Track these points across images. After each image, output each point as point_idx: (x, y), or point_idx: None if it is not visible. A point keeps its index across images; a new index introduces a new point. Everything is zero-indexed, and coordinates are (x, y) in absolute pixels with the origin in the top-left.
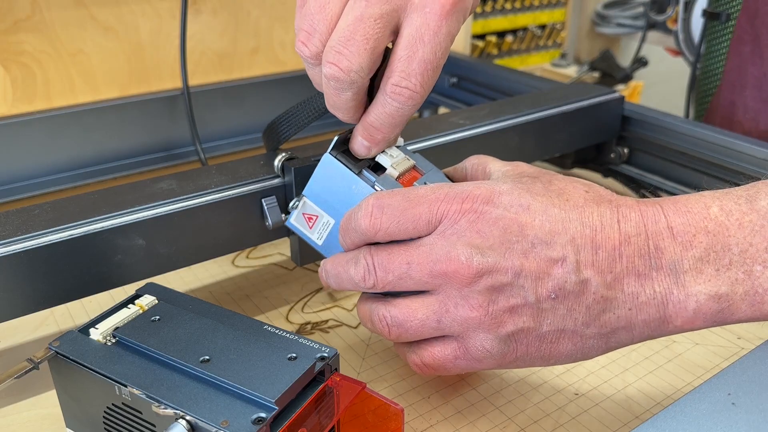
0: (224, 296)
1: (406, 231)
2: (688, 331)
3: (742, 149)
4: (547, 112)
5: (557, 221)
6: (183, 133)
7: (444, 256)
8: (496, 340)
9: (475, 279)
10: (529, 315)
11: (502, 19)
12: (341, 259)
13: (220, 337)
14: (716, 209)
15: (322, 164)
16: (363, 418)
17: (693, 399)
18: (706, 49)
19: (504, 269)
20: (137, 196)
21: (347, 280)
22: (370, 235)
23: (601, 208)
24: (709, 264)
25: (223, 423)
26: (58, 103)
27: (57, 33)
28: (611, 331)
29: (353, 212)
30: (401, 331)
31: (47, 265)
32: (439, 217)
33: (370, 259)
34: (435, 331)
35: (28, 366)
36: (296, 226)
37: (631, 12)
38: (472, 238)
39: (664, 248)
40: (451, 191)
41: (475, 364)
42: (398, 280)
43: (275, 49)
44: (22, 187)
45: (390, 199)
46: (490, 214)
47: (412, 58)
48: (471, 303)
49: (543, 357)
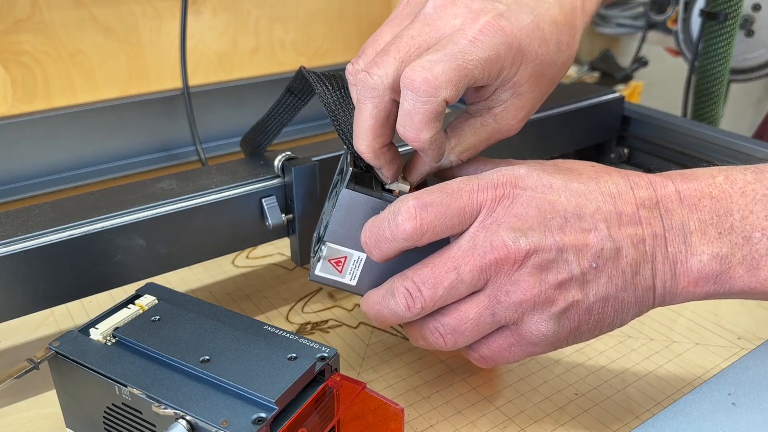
0: (224, 296)
1: (451, 227)
2: (691, 298)
3: (743, 149)
4: (547, 112)
5: (580, 194)
6: (183, 133)
7: (489, 246)
8: (550, 320)
9: (524, 260)
10: (576, 288)
11: None
12: (375, 298)
13: (220, 337)
14: (721, 178)
15: (341, 203)
16: (363, 418)
17: (693, 399)
18: (704, 49)
19: (548, 247)
20: (137, 196)
21: (391, 316)
22: (416, 238)
23: (614, 177)
24: (712, 226)
25: (223, 423)
26: (58, 103)
27: (57, 33)
28: (642, 293)
29: (386, 220)
30: (457, 337)
31: (47, 265)
32: (478, 208)
33: (409, 282)
34: (491, 326)
35: (28, 366)
36: (324, 276)
37: (631, 12)
38: (511, 223)
39: (673, 210)
40: (482, 181)
41: (531, 348)
42: (449, 290)
43: (275, 49)
44: (22, 187)
45: (430, 197)
46: (521, 196)
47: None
48: (522, 286)
49: (590, 329)
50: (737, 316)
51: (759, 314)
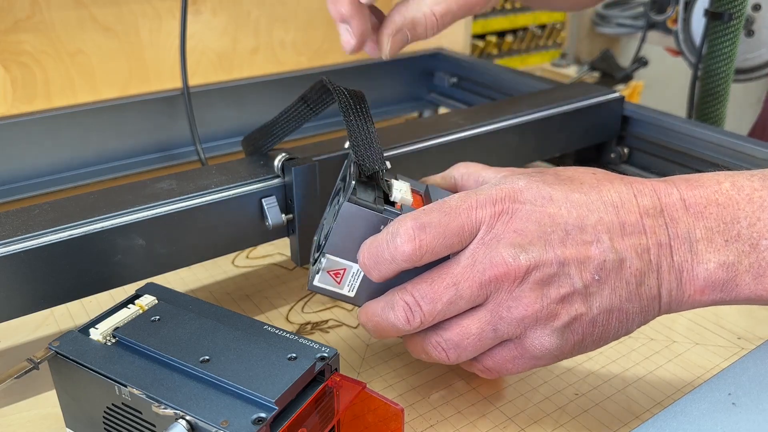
0: (224, 296)
1: (451, 246)
2: (697, 306)
3: (743, 149)
4: (547, 112)
5: (581, 205)
6: (183, 133)
7: (489, 263)
8: (553, 334)
9: (525, 276)
10: (580, 301)
11: (502, 19)
12: (374, 309)
13: (220, 337)
14: (728, 185)
15: (342, 215)
16: (363, 418)
17: (693, 399)
18: (708, 50)
19: (549, 261)
20: (137, 196)
21: (389, 329)
22: (415, 259)
23: (616, 186)
24: (718, 234)
25: (223, 423)
26: (58, 103)
27: (57, 33)
28: (647, 303)
29: (385, 241)
30: (460, 352)
31: (47, 265)
32: (477, 225)
33: (408, 296)
34: (493, 341)
35: (28, 366)
36: (322, 286)
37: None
38: (511, 239)
39: (678, 218)
40: (480, 197)
41: (534, 361)
42: (448, 305)
43: (275, 49)
44: (22, 187)
45: (428, 217)
46: (520, 210)
47: None
48: (524, 302)
49: (595, 341)
50: (737, 316)
51: (759, 314)
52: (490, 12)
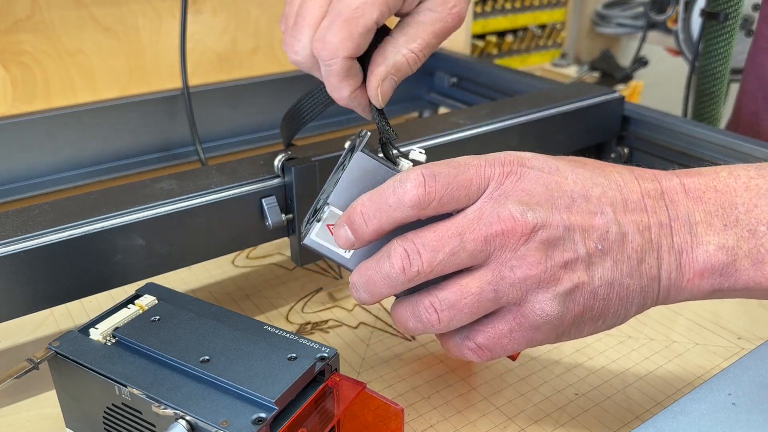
0: (224, 296)
1: (458, 199)
2: (696, 293)
3: (742, 149)
4: (547, 112)
5: (587, 179)
6: (183, 133)
7: (496, 217)
8: (555, 299)
9: (531, 235)
10: (582, 269)
11: (502, 19)
12: (368, 263)
13: (220, 337)
14: (725, 174)
15: (353, 166)
16: (363, 418)
17: (693, 399)
18: (704, 49)
19: (555, 224)
20: (137, 196)
21: (382, 281)
22: (422, 206)
23: (618, 168)
24: (717, 218)
25: (223, 423)
26: (58, 103)
27: (57, 33)
28: (647, 282)
29: (392, 187)
30: (454, 313)
31: (47, 265)
32: (486, 181)
33: (408, 243)
34: (492, 304)
35: (28, 366)
36: (318, 241)
37: (631, 12)
38: (519, 196)
39: (678, 201)
40: (489, 158)
41: (532, 334)
42: (450, 256)
43: (275, 49)
44: (22, 187)
45: (438, 168)
46: (529, 174)
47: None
48: (528, 261)
49: (594, 317)
50: (737, 316)
51: (759, 314)
52: (490, 12)
